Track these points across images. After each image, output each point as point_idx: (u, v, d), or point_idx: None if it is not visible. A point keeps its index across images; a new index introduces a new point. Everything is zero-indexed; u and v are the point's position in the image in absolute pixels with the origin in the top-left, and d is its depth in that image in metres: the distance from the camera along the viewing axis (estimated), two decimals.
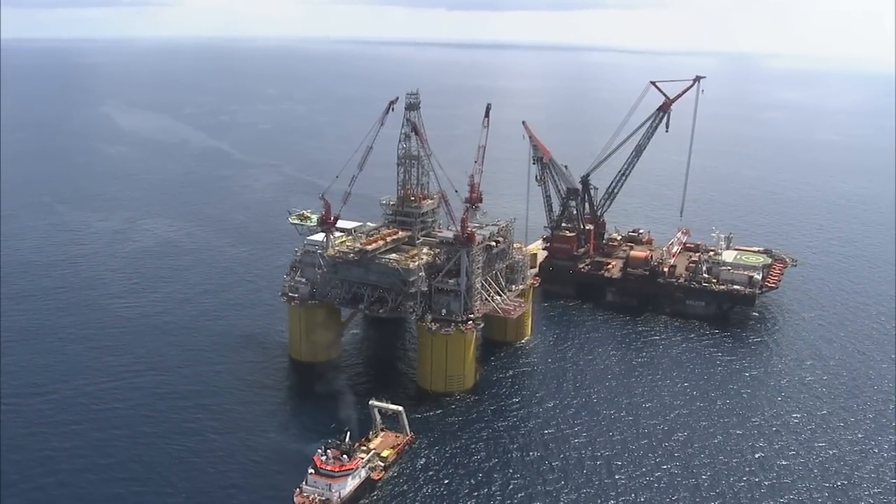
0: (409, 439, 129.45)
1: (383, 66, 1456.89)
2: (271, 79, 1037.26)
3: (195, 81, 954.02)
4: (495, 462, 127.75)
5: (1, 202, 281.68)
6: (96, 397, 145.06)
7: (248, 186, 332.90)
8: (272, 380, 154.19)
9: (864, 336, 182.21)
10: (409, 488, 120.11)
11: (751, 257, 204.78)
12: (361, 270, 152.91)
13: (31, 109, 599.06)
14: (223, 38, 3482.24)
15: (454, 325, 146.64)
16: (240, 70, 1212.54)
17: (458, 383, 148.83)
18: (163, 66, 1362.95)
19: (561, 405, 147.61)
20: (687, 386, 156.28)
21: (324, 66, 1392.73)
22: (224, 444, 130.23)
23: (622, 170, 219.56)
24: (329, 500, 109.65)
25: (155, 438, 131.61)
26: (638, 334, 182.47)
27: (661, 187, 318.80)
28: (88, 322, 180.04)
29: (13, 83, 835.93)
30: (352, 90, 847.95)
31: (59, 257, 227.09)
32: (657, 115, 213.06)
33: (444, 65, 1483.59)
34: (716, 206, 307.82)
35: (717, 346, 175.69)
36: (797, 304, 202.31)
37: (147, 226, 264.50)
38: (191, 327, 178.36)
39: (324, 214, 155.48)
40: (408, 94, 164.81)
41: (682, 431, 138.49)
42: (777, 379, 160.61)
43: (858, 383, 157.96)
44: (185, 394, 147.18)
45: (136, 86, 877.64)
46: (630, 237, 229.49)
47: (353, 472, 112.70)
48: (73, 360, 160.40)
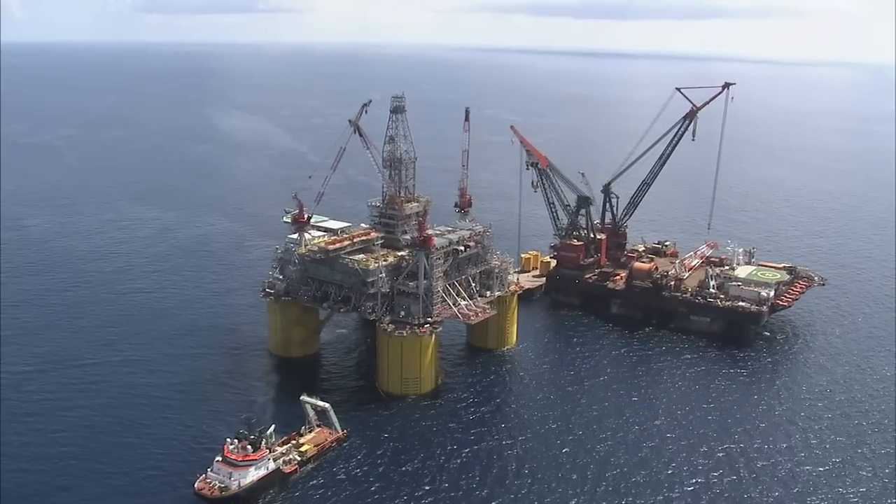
0: (340, 437, 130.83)
1: (501, 73, 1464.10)
2: (382, 84, 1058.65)
3: (305, 85, 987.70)
4: (428, 468, 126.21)
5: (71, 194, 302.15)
6: (70, 375, 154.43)
7: (308, 189, 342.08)
8: (241, 371, 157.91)
9: (875, 372, 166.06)
10: (324, 484, 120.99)
11: (767, 274, 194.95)
12: (328, 269, 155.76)
13: (140, 109, 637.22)
14: (353, 44, 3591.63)
15: (409, 328, 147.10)
16: (355, 75, 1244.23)
17: (415, 386, 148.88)
18: (282, 70, 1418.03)
19: (519, 418, 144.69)
20: (661, 407, 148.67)
21: (439, 73, 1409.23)
22: (168, 426, 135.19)
23: (645, 179, 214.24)
24: (228, 488, 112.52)
25: (104, 413, 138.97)
26: (630, 349, 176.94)
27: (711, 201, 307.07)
28: (95, 309, 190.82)
29: (135, 84, 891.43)
30: (452, 97, 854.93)
31: (100, 248, 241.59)
32: (683, 123, 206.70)
33: (563, 73, 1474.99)
34: (768, 221, 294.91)
35: (710, 366, 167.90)
36: (816, 326, 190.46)
37: (192, 222, 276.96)
38: (193, 318, 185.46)
39: (297, 213, 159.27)
40: (393, 97, 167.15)
41: (642, 459, 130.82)
42: (762, 409, 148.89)
43: (857, 427, 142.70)
44: (157, 375, 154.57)
45: (247, 88, 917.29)
46: (654, 249, 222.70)
47: (256, 462, 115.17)
48: (76, 339, 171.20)
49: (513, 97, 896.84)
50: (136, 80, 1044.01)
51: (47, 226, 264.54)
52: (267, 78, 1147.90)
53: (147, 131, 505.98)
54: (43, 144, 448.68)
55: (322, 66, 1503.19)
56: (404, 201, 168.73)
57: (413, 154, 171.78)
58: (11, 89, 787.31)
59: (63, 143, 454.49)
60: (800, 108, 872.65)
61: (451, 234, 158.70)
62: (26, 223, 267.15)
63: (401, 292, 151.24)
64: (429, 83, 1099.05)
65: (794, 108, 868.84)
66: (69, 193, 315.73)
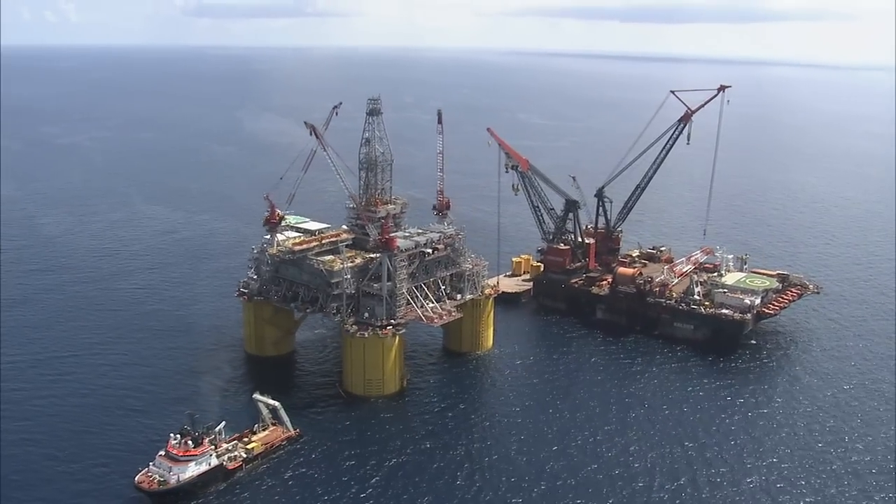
0: (291, 436, 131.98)
1: (544, 77, 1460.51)
2: (418, 87, 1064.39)
3: (340, 88, 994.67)
4: (378, 470, 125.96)
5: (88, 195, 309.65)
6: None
7: (324, 191, 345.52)
8: (212, 369, 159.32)
9: (862, 386, 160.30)
10: (270, 482, 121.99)
11: (755, 281, 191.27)
12: (296, 270, 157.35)
13: (174, 111, 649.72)
14: (399, 48, 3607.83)
15: (372, 329, 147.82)
16: (394, 78, 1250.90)
17: (377, 388, 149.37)
18: (322, 73, 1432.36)
19: (480, 423, 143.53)
20: (631, 416, 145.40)
21: (480, 77, 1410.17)
22: (128, 419, 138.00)
23: (640, 183, 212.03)
24: (166, 482, 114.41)
25: (72, 404, 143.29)
26: (609, 355, 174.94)
27: (730, 207, 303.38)
28: (85, 305, 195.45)
29: (174, 87, 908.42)
30: (487, 101, 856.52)
31: (104, 247, 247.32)
32: (678, 127, 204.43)
33: (608, 77, 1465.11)
34: (779, 228, 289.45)
35: (689, 376, 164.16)
36: (806, 337, 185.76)
37: (199, 222, 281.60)
38: (179, 316, 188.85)
39: (269, 214, 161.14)
40: (369, 99, 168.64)
41: (601, 468, 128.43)
42: (736, 421, 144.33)
43: (835, 440, 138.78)
44: (130, 369, 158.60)
45: (284, 91, 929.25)
46: (648, 254, 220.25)
47: (196, 458, 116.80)
48: (60, 334, 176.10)
49: (550, 101, 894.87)
50: (176, 83, 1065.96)
51: (57, 224, 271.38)
52: (306, 81, 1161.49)
53: (176, 133, 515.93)
54: (74, 145, 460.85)
55: (363, 70, 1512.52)
56: (379, 203, 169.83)
57: (390, 156, 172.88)
58: (57, 91, 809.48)
59: (93, 144, 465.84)
60: (843, 113, 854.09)
61: (418, 237, 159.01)
62: (39, 221, 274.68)
63: (366, 294, 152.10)
64: (467, 87, 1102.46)
65: (837, 113, 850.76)
66: (87, 193, 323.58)
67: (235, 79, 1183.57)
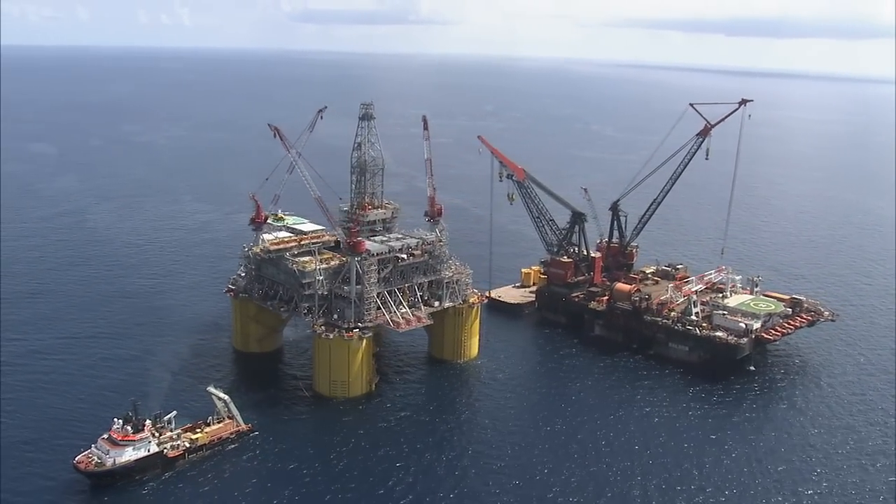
0: (241, 430, 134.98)
1: (634, 89, 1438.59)
2: (502, 95, 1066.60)
3: (425, 94, 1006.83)
4: (322, 471, 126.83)
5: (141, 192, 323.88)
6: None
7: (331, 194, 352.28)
8: (194, 362, 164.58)
9: (860, 432, 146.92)
10: (211, 473, 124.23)
11: (761, 304, 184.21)
12: (275, 269, 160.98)
13: (254, 113, 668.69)
14: (496, 57, 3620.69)
15: (338, 331, 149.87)
16: (483, 86, 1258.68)
17: (342, 389, 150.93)
18: (412, 79, 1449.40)
19: (441, 431, 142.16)
20: (602, 441, 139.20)
21: (569, 88, 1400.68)
22: (100, 403, 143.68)
23: (656, 198, 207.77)
24: (103, 464, 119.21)
25: (48, 384, 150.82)
26: (596, 373, 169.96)
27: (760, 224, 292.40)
28: (102, 295, 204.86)
29: (262, 89, 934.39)
30: (567, 111, 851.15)
31: (137, 240, 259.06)
32: (696, 141, 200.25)
33: (704, 91, 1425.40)
34: (814, 249, 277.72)
35: (673, 402, 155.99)
36: (812, 365, 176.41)
37: (235, 220, 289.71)
38: (182, 308, 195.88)
39: (254, 214, 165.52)
40: (361, 104, 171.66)
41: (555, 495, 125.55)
42: (713, 463, 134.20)
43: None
44: (116, 354, 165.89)
45: (368, 96, 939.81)
46: (663, 272, 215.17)
47: (135, 443, 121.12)
48: (61, 321, 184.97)
49: (633, 113, 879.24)
50: (268, 86, 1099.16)
51: (103, 218, 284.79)
52: (394, 87, 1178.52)
53: (248, 134, 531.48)
54: (149, 143, 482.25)
55: (454, 78, 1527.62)
56: (368, 207, 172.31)
57: (381, 161, 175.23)
58: (151, 91, 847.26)
59: (167, 142, 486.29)
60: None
61: (395, 242, 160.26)
62: (88, 215, 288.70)
63: (338, 296, 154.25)
64: (550, 97, 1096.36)
65: None
66: (142, 189, 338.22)
67: (328, 83, 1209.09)
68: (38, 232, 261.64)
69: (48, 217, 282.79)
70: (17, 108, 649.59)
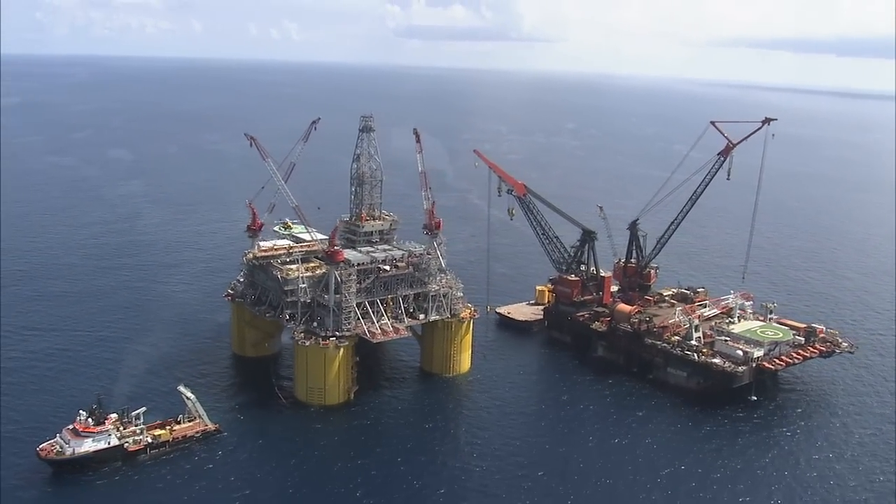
0: (207, 430, 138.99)
1: (731, 108, 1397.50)
2: (585, 113, 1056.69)
3: (507, 111, 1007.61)
4: (288, 477, 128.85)
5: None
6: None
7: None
8: (188, 362, 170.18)
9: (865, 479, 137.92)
10: (168, 468, 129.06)
11: (768, 332, 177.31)
12: (264, 276, 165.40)
13: (332, 125, 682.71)
14: (597, 75, 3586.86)
15: (315, 339, 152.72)
16: (577, 104, 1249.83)
17: (318, 397, 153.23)
18: (505, 95, 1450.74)
19: (418, 445, 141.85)
20: (565, 465, 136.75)
21: (662, 107, 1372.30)
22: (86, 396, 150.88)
23: (675, 218, 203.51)
24: (63, 453, 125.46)
25: (42, 372, 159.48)
26: (590, 396, 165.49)
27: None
28: (120, 290, 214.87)
29: (351, 102, 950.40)
30: (650, 130, 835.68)
31: (176, 242, 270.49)
32: (718, 161, 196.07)
33: (808, 112, 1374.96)
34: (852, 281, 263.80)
35: (664, 433, 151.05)
36: (823, 399, 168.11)
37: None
38: (193, 311, 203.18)
39: (250, 221, 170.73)
40: (362, 116, 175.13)
41: None
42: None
43: None
44: (115, 353, 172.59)
45: (455, 112, 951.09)
46: (682, 294, 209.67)
47: (95, 435, 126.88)
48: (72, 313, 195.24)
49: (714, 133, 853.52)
50: (359, 99, 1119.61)
51: (153, 222, 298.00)
52: (483, 102, 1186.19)
53: (317, 146, 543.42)
54: (220, 151, 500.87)
55: (546, 94, 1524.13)
56: (364, 218, 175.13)
57: (380, 174, 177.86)
58: (240, 101, 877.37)
59: (237, 150, 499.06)
60: None
61: (378, 253, 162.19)
62: (140, 218, 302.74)
63: (319, 304, 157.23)
64: (639, 115, 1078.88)
65: None
66: (199, 196, 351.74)
67: (421, 98, 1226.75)
68: (91, 234, 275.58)
69: (106, 220, 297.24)
70: (107, 117, 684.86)
